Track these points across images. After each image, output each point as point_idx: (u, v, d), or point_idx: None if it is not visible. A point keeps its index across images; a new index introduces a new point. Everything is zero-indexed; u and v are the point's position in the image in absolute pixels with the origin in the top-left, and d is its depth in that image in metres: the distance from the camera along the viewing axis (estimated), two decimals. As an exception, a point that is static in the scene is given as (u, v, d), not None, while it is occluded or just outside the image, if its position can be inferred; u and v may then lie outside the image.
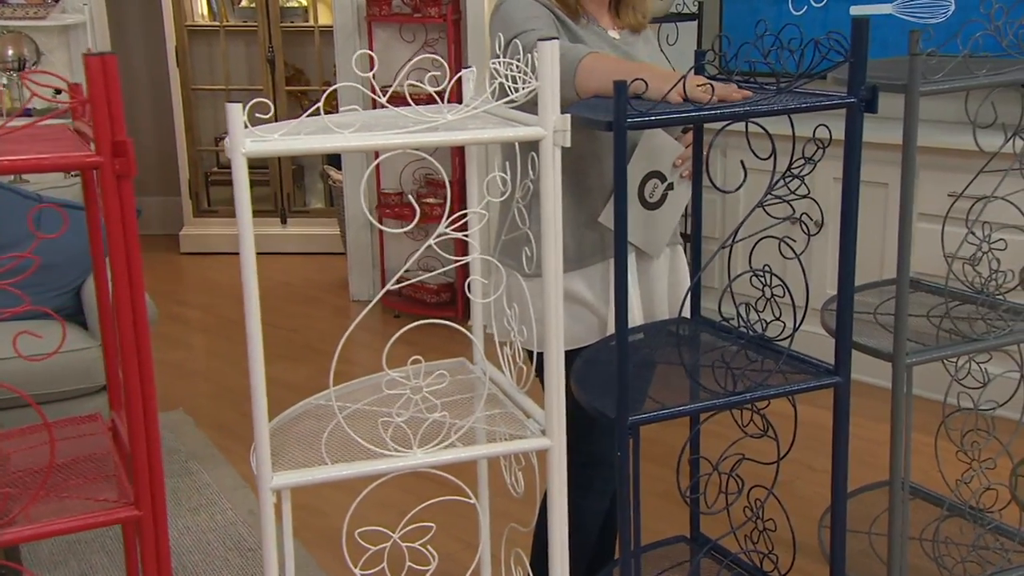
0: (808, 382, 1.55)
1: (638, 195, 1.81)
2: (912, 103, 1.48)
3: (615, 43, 1.87)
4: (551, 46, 1.27)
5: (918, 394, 1.90)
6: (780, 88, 1.44)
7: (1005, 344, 1.63)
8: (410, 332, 1.32)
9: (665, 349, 1.72)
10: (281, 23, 5.41)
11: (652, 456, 2.21)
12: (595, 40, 1.82)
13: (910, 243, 1.56)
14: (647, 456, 1.70)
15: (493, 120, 1.40)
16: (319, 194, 5.86)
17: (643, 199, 1.83)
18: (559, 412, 1.37)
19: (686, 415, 1.47)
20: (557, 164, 1.32)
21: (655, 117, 1.37)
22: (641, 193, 1.82)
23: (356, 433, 1.35)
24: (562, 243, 1.77)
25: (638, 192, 1.80)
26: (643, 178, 1.82)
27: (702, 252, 1.86)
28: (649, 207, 1.83)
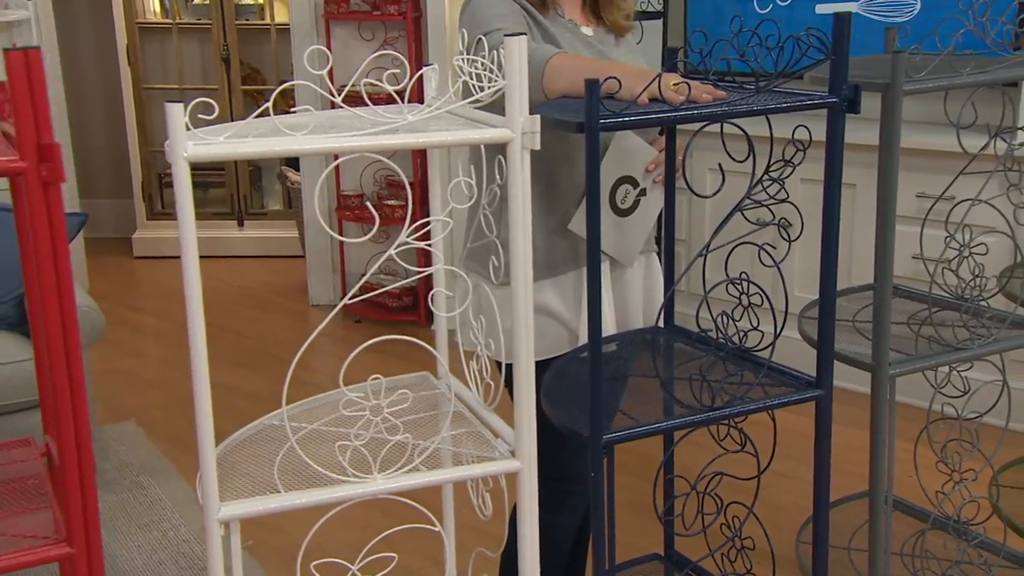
0: (789, 395, 1.48)
1: (609, 201, 1.73)
2: (895, 102, 1.42)
3: (589, 40, 1.79)
4: (519, 42, 1.19)
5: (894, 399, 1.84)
6: (759, 87, 1.37)
7: (990, 353, 1.58)
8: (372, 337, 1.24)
9: (639, 361, 1.65)
10: (236, 21, 5.27)
11: (622, 465, 2.14)
12: (568, 37, 1.74)
13: (892, 248, 1.49)
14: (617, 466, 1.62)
15: (457, 121, 1.31)
16: (277, 196, 5.73)
17: (615, 206, 1.75)
18: (529, 431, 1.29)
19: (663, 432, 1.39)
20: (526, 168, 1.23)
21: (629, 118, 1.29)
22: (613, 199, 1.74)
23: (312, 456, 1.26)
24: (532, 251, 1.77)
25: (609, 198, 1.72)
26: (615, 183, 1.73)
27: (675, 258, 1.79)
28: (621, 214, 1.75)
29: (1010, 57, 1.48)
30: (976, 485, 1.75)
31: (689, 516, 1.65)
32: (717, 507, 1.48)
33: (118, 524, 2.81)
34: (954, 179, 1.68)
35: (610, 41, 1.84)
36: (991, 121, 1.65)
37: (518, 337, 1.27)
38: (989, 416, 1.71)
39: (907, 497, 2.05)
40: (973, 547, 1.68)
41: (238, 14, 5.30)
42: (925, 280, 2.04)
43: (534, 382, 1.29)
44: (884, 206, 1.48)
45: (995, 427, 1.69)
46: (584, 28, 1.81)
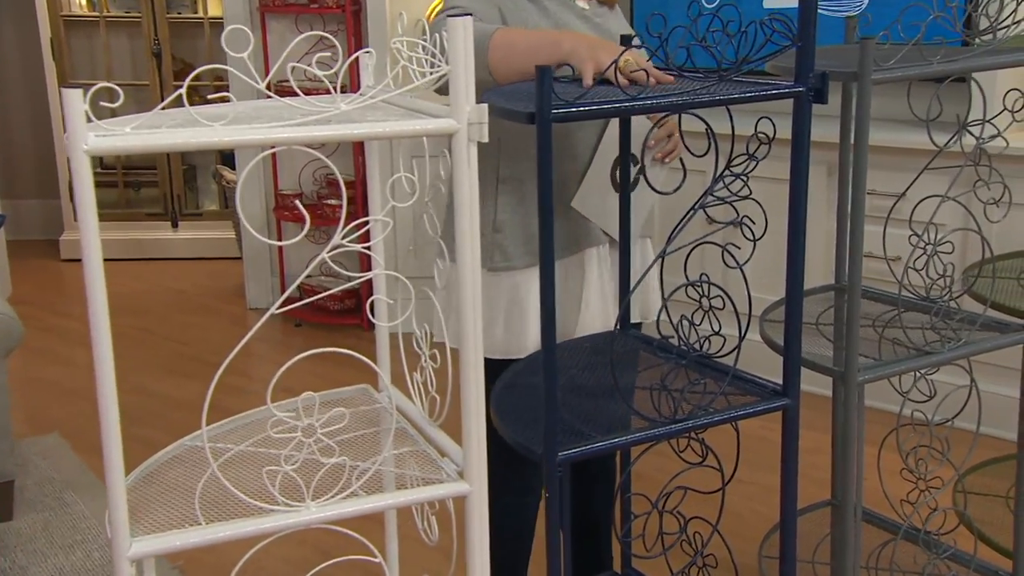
0: (755, 405, 1.39)
1: (610, 178, 1.65)
2: (864, 91, 1.34)
3: (585, 14, 1.73)
4: (463, 23, 1.08)
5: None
6: (722, 76, 1.28)
7: (960, 356, 1.51)
8: (313, 342, 1.13)
9: (596, 369, 1.54)
10: (167, 14, 5.06)
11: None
12: (561, 11, 1.66)
13: (861, 250, 1.41)
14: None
15: (397, 112, 1.19)
16: (213, 195, 5.53)
17: (615, 182, 1.67)
18: (479, 450, 1.18)
19: (621, 447, 1.29)
20: (473, 162, 1.12)
21: (584, 108, 1.18)
22: (613, 176, 1.66)
23: (239, 482, 1.13)
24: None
25: (610, 175, 1.65)
26: (614, 161, 1.66)
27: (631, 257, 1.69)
28: (618, 190, 1.67)
29: (979, 46, 1.41)
30: (945, 495, 1.68)
31: (651, 532, 1.55)
32: (679, 525, 1.39)
33: (38, 545, 2.63)
34: (921, 172, 1.61)
35: (604, 12, 1.79)
36: (951, 115, 1.58)
37: (466, 347, 1.16)
38: (958, 419, 1.64)
39: (871, 502, 1.98)
40: (943, 560, 1.61)
41: (169, 7, 5.09)
42: (881, 280, 1.98)
43: (484, 393, 1.18)
44: (854, 205, 1.39)
45: (964, 430, 1.62)
46: (579, 1, 1.74)
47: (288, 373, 1.05)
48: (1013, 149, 1.93)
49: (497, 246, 1.69)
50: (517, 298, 1.70)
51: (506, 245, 1.70)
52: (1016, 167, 2.20)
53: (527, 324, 1.71)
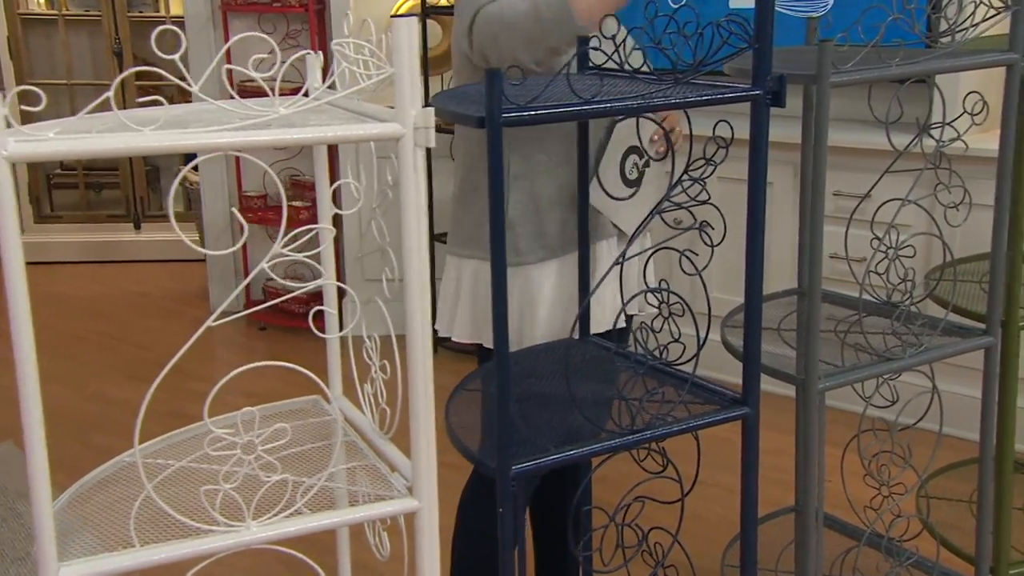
0: (715, 414, 1.36)
1: (619, 172, 1.67)
2: (822, 94, 1.31)
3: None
4: (407, 24, 1.04)
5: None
6: (678, 79, 1.25)
7: (923, 362, 1.49)
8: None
9: (552, 377, 1.51)
10: (128, 13, 4.98)
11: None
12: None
13: (821, 255, 1.39)
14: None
15: (343, 115, 1.16)
16: (178, 196, 5.45)
17: (624, 176, 1.69)
18: (428, 464, 1.14)
19: (579, 460, 1.26)
20: (420, 168, 1.08)
21: (536, 112, 1.15)
22: (622, 169, 1.68)
23: (178, 500, 1.09)
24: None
25: (619, 169, 1.66)
26: (624, 152, 1.68)
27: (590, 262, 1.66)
28: (629, 184, 1.69)
29: (937, 48, 1.39)
30: (909, 500, 1.66)
31: (609, 544, 1.52)
32: (639, 538, 1.36)
33: (-11, 559, 2.56)
34: (879, 177, 1.59)
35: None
36: (912, 117, 1.56)
37: (413, 361, 1.12)
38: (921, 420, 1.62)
39: (835, 506, 1.96)
40: (905, 567, 1.59)
41: (130, 5, 5.01)
42: (846, 281, 1.96)
43: (432, 398, 1.14)
44: (813, 208, 1.37)
45: (928, 431, 1.60)
46: None
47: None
48: (976, 151, 1.92)
49: (509, 243, 1.72)
50: (528, 292, 1.74)
51: (518, 242, 1.73)
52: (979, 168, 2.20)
53: (537, 317, 1.74)
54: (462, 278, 1.80)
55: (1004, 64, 1.43)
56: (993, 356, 1.55)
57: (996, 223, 1.52)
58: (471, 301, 1.78)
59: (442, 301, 1.85)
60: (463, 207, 1.80)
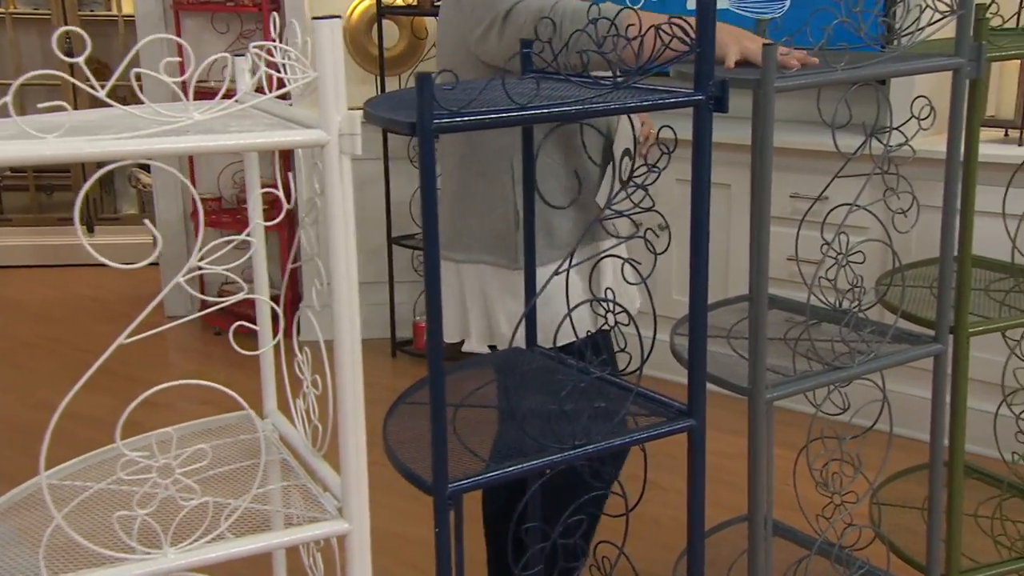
0: (659, 427, 1.33)
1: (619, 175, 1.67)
2: (766, 99, 1.28)
3: None
4: (330, 26, 0.99)
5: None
6: (617, 84, 1.21)
7: (872, 370, 1.47)
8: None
9: (493, 389, 1.47)
10: (79, 11, 4.87)
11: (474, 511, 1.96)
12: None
13: (766, 264, 1.36)
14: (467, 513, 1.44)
15: (268, 120, 1.11)
16: (132, 199, 5.35)
17: (621, 179, 1.69)
18: (358, 484, 1.09)
19: (518, 477, 1.22)
20: (346, 176, 1.04)
21: (468, 118, 1.10)
22: (621, 172, 1.68)
23: (94, 526, 1.04)
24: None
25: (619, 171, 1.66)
26: (622, 155, 1.67)
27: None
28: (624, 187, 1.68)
29: (886, 52, 1.37)
30: (863, 507, 1.64)
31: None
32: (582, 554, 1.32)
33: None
34: (829, 183, 1.56)
35: None
36: (866, 120, 1.54)
37: (342, 375, 1.08)
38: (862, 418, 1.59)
39: (789, 512, 1.94)
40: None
41: (80, 4, 4.91)
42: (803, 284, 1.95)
43: (362, 418, 1.10)
44: (757, 214, 1.34)
45: (882, 432, 1.58)
46: None
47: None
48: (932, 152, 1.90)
49: (519, 246, 1.73)
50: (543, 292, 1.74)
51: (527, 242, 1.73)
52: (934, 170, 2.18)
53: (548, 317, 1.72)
54: (465, 284, 1.79)
55: (950, 68, 1.41)
56: (942, 363, 1.53)
57: (944, 228, 1.50)
58: (483, 305, 1.79)
59: (445, 309, 1.82)
60: (462, 211, 1.79)
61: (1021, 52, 1.51)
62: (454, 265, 1.82)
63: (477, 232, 1.77)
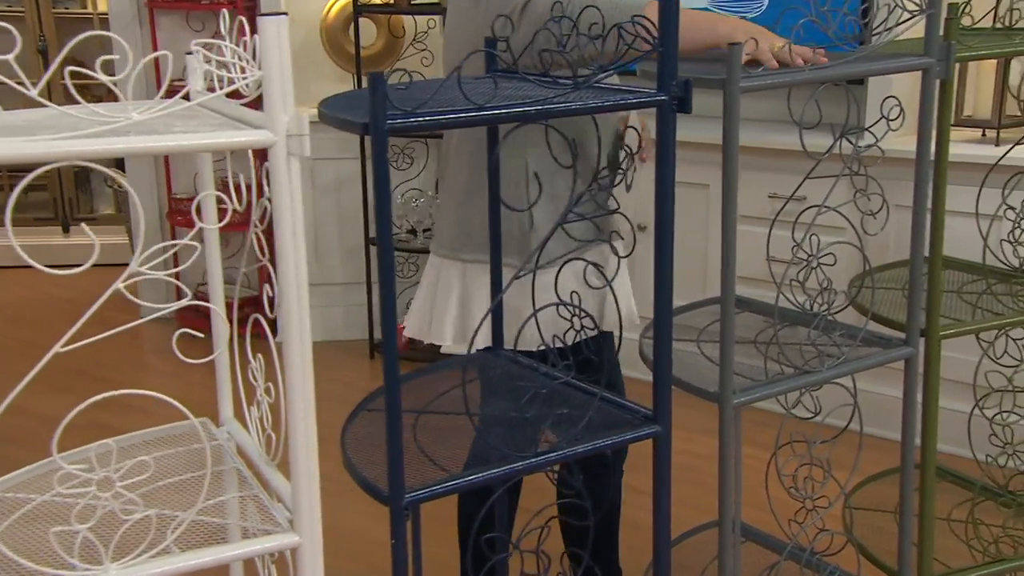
0: (623, 433, 1.30)
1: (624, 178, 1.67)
2: (732, 99, 1.26)
3: None
4: (276, 24, 0.96)
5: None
6: (577, 84, 1.18)
7: (841, 375, 1.45)
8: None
9: (455, 395, 1.44)
10: (53, 8, 4.81)
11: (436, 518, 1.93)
12: None
13: (734, 266, 1.34)
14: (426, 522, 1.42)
15: (216, 120, 1.08)
16: (108, 199, 5.29)
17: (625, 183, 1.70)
18: (310, 495, 1.06)
19: (477, 486, 1.19)
20: (295, 178, 1.01)
21: (422, 119, 1.07)
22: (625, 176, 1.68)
23: (33, 542, 1.00)
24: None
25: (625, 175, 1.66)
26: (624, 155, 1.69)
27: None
28: (627, 189, 1.68)
29: (854, 52, 1.34)
30: (836, 512, 1.62)
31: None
32: (542, 568, 1.30)
33: None
34: (800, 184, 1.54)
35: None
36: (839, 120, 1.52)
37: (292, 382, 1.05)
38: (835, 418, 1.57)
39: (763, 514, 1.92)
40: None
41: (55, 2, 4.85)
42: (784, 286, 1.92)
43: (314, 427, 1.07)
44: (724, 216, 1.32)
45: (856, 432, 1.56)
46: None
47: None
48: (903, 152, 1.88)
49: (533, 247, 1.72)
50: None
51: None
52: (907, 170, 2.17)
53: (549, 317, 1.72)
54: (472, 285, 1.76)
55: (919, 68, 1.39)
56: (913, 367, 1.51)
57: (914, 229, 1.48)
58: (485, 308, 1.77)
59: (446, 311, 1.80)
60: (472, 210, 1.75)
61: (991, 52, 1.49)
62: (460, 265, 1.77)
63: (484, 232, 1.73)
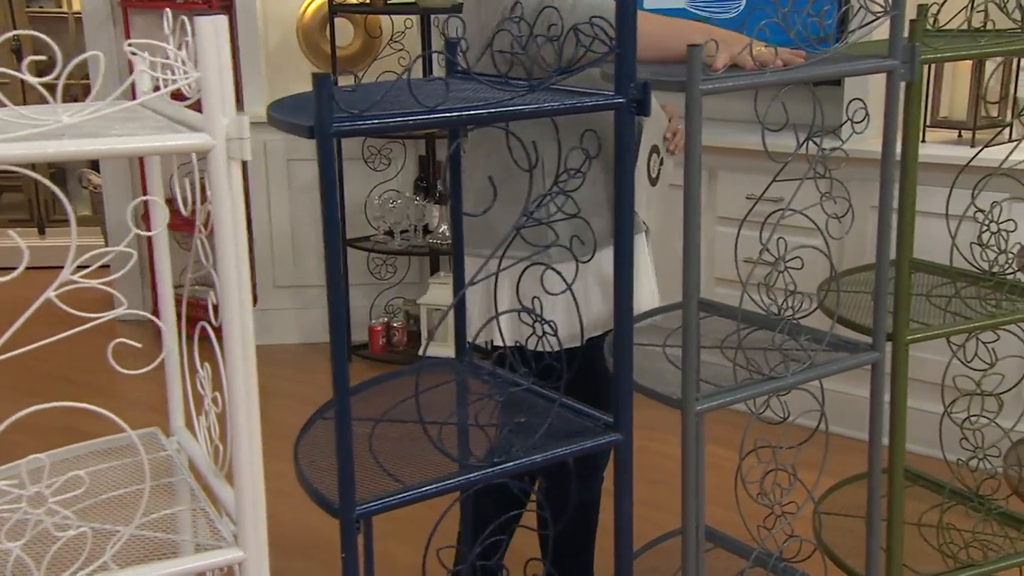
0: (583, 441, 1.28)
1: (647, 170, 1.70)
2: (692, 102, 1.24)
3: None
4: (212, 23, 0.93)
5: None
6: (532, 86, 1.16)
7: (807, 380, 1.43)
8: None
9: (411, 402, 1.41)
10: (27, 8, 4.76)
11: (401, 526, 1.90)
12: None
13: (698, 268, 1.31)
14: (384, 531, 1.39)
15: (158, 122, 1.05)
16: (84, 200, 5.23)
17: (648, 175, 1.72)
18: (254, 509, 1.03)
19: (430, 497, 1.16)
20: (235, 182, 0.98)
21: (369, 122, 1.05)
22: (648, 168, 1.71)
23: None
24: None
25: (647, 166, 1.69)
26: (650, 151, 1.71)
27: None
28: (652, 183, 1.72)
29: (819, 53, 1.32)
30: (804, 518, 1.60)
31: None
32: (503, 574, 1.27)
33: None
34: (766, 188, 1.52)
35: None
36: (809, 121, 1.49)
37: (234, 389, 1.02)
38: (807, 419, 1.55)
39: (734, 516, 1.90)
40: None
41: (29, 1, 4.79)
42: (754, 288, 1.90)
43: (258, 438, 1.04)
44: (686, 219, 1.30)
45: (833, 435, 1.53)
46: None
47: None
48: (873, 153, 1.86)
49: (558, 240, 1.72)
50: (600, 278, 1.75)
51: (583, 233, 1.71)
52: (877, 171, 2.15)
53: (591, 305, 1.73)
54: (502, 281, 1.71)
55: (883, 71, 1.37)
56: (880, 372, 1.49)
57: (880, 232, 1.46)
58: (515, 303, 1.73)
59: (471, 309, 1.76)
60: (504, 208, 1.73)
61: (956, 54, 1.48)
62: (480, 261, 1.73)
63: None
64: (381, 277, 3.96)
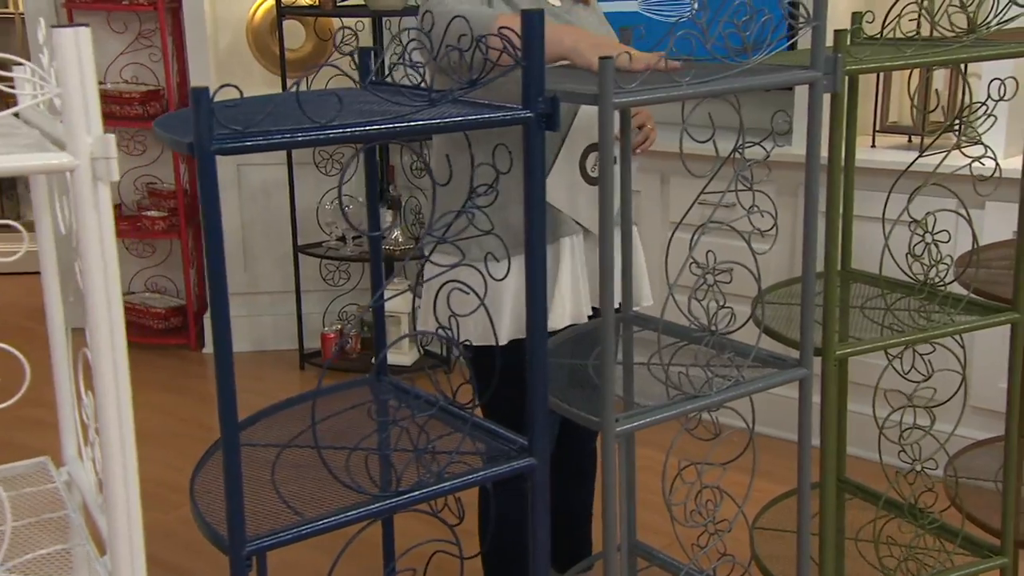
0: (493, 467, 1.23)
1: (580, 169, 1.68)
2: (605, 115, 1.20)
3: (556, 11, 1.74)
4: (75, 35, 0.88)
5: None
6: (432, 100, 1.11)
7: (732, 398, 1.39)
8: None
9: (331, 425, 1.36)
10: (-26, 8, 4.66)
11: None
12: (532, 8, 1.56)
13: (611, 285, 1.27)
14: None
15: (28, 140, 0.99)
16: (31, 205, 5.13)
17: (585, 173, 1.70)
18: (131, 546, 0.98)
19: (326, 531, 1.11)
20: (102, 205, 0.92)
21: (254, 141, 1.00)
22: (583, 167, 1.69)
23: None
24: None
25: (579, 166, 1.67)
26: (584, 150, 1.69)
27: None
28: (592, 182, 1.70)
29: (739, 64, 1.28)
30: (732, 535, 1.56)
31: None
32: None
33: None
34: (694, 202, 1.48)
35: (578, 9, 1.80)
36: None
37: (105, 412, 0.96)
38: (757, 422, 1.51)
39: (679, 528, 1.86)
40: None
41: (-25, 1, 4.70)
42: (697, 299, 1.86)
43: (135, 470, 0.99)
44: (601, 229, 1.25)
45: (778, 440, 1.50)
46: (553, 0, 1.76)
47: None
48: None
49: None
50: (495, 288, 1.70)
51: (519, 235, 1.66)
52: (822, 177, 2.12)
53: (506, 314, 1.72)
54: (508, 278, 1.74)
55: (804, 82, 1.34)
56: (807, 389, 1.46)
57: (805, 243, 1.43)
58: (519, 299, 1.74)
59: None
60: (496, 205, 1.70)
61: (879, 65, 1.44)
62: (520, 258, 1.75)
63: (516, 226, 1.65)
64: (334, 283, 3.90)
